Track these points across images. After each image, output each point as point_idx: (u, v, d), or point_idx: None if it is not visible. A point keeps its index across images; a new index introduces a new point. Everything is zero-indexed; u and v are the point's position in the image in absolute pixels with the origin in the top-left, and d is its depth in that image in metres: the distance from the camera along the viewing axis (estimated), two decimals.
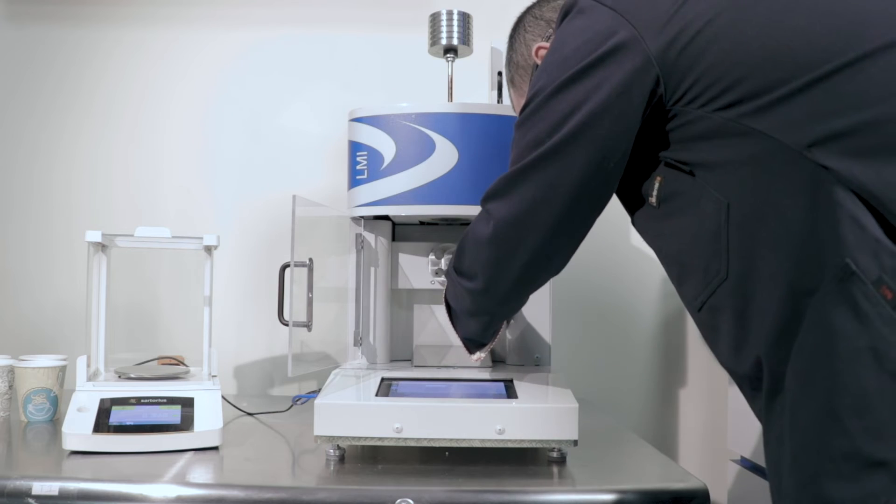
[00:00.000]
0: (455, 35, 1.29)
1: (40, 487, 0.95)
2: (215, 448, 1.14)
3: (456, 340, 1.15)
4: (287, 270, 1.25)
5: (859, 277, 0.67)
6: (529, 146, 0.86)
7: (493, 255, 0.92)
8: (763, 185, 0.73)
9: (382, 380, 1.14)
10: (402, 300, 1.36)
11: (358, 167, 1.24)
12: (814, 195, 0.70)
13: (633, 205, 0.90)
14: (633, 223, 0.91)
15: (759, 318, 0.75)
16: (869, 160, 0.69)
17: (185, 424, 1.13)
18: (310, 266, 1.25)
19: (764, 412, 0.77)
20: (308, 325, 1.23)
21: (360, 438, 1.03)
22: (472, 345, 1.14)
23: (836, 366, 0.68)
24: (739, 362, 0.79)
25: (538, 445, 1.03)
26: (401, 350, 1.35)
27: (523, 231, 0.89)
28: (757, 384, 0.78)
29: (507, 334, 1.30)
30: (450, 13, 1.29)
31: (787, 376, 0.73)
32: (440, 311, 1.34)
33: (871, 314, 0.67)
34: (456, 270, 1.02)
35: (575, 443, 1.03)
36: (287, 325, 1.19)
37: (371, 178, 1.22)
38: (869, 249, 0.67)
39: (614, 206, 0.90)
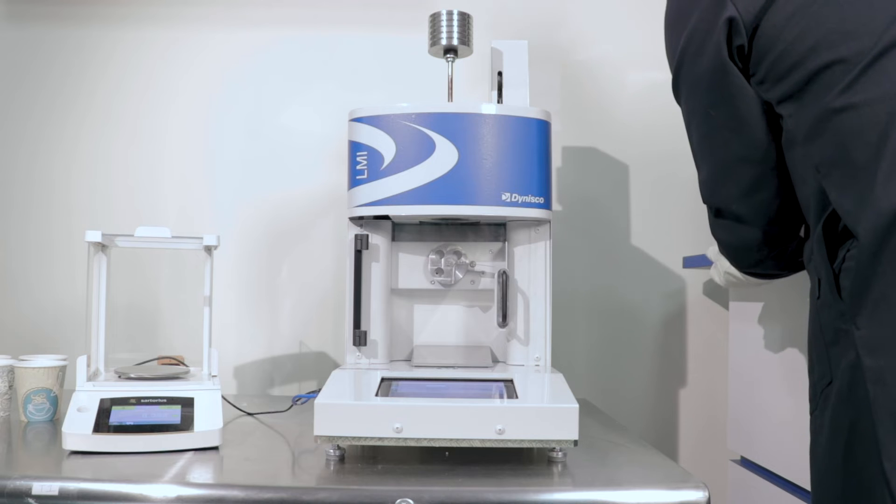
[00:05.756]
0: (455, 35, 1.29)
1: (40, 487, 0.95)
2: (215, 448, 1.14)
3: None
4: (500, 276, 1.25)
5: None
6: None
7: None
8: None
9: (382, 380, 1.14)
10: (401, 300, 1.36)
11: (358, 167, 1.24)
12: None
13: None
14: None
15: None
16: None
17: (185, 424, 1.13)
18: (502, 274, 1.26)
19: None
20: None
21: (360, 438, 1.03)
22: None
23: None
24: None
25: (538, 445, 1.03)
26: (401, 350, 1.35)
27: None
28: None
29: (508, 334, 1.30)
30: (450, 13, 1.29)
31: None
32: (440, 311, 1.35)
33: None
34: None
35: (575, 443, 1.03)
36: (503, 328, 1.25)
37: (371, 178, 1.22)
38: None
39: (615, 205, 0.90)
